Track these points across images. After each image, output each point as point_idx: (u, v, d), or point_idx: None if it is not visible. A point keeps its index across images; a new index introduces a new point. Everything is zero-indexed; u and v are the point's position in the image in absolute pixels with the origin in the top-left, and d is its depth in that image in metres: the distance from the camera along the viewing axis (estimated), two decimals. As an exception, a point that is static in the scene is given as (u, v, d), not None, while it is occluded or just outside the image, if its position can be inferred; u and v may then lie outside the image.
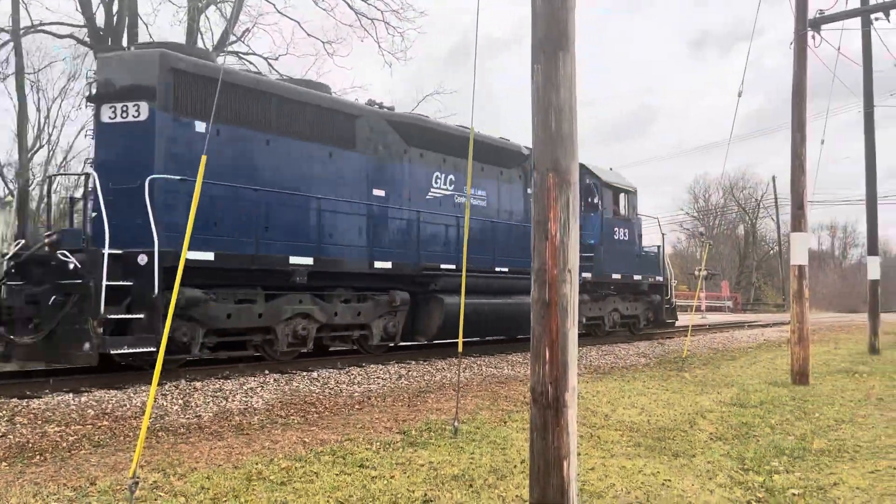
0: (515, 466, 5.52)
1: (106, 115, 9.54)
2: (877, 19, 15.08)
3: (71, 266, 8.48)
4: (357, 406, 8.22)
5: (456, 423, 6.69)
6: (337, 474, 5.19)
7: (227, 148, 9.86)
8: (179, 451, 5.87)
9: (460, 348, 6.98)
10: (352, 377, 10.12)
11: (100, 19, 20.30)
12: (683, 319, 21.09)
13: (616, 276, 17.09)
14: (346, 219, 11.44)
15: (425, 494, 4.76)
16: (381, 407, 8.17)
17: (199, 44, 21.37)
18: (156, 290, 8.58)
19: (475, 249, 13.01)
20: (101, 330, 8.28)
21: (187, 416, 7.37)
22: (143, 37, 20.09)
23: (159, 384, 7.32)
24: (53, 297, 8.55)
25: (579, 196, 13.63)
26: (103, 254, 8.34)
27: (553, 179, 3.39)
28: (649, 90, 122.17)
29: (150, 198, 8.80)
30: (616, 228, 17.43)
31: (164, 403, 7.77)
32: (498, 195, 14.75)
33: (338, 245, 11.25)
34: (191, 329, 9.40)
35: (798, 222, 11.43)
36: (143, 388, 8.46)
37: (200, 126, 9.60)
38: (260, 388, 8.90)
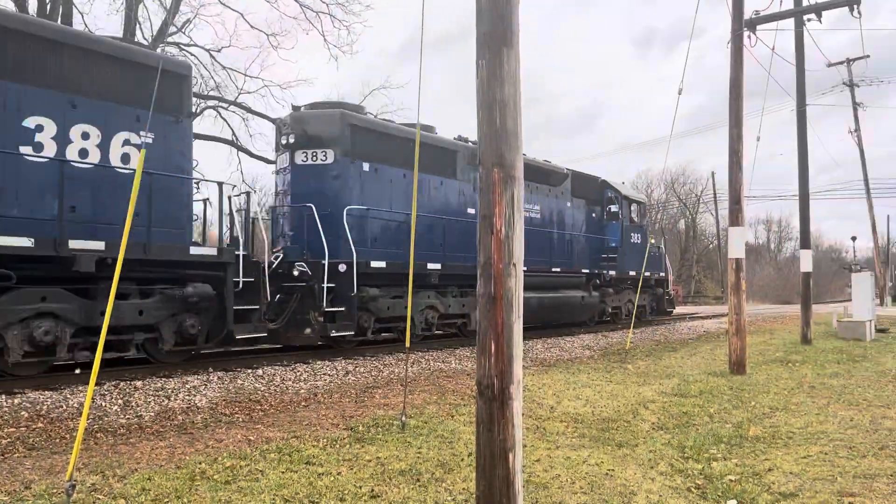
0: (462, 460, 5.56)
1: (299, 158, 12.87)
2: (809, 20, 15.61)
3: (296, 272, 11.85)
4: (303, 403, 8.15)
5: (403, 418, 6.69)
6: (283, 472, 5.14)
7: (380, 181, 13.40)
8: (119, 452, 5.72)
9: (408, 343, 6.99)
10: (298, 374, 10.02)
11: (32, 7, 19.53)
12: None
13: (632, 272, 20.34)
14: (454, 233, 14.71)
15: (372, 490, 4.76)
16: (327, 403, 8.12)
17: (138, 35, 20.77)
18: (354, 290, 11.90)
19: (536, 253, 16.44)
20: (321, 319, 11.66)
21: (127, 417, 7.18)
22: (77, 26, 19.43)
23: (97, 384, 7.12)
24: (278, 295, 11.94)
25: (601, 207, 17.33)
26: (323, 264, 11.61)
27: (498, 174, 3.41)
28: (598, 87, 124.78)
29: (347, 222, 12.15)
30: (632, 234, 21.24)
31: (103, 404, 7.55)
32: (550, 209, 18.19)
33: (453, 253, 14.53)
34: (368, 318, 12.68)
35: (735, 217, 11.78)
36: (80, 388, 8.21)
37: (366, 166, 13.16)
38: (203, 387, 8.74)
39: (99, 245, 8.72)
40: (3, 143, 8.29)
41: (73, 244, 8.52)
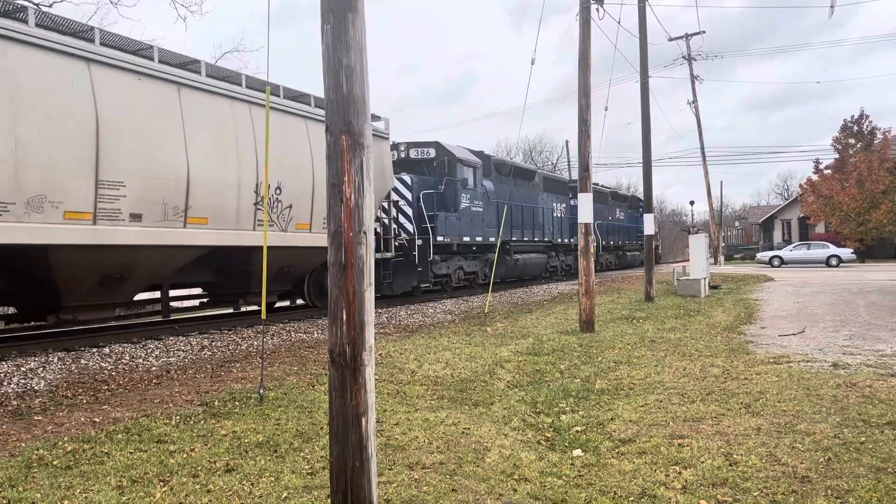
0: (322, 428, 5.56)
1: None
2: (651, -3, 16.49)
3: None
4: (155, 381, 7.80)
5: (261, 391, 6.58)
6: (131, 452, 4.93)
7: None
8: (-58, 444, 5.24)
9: (263, 315, 6.84)
10: (148, 351, 9.57)
11: None
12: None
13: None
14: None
15: (227, 464, 4.67)
16: (181, 380, 7.82)
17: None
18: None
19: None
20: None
21: (-48, 405, 6.58)
22: None
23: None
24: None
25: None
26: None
27: (346, 142, 3.38)
28: (471, 57, 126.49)
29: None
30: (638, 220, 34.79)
31: (-77, 393, 6.87)
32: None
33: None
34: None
35: (584, 184, 12.38)
36: None
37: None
38: (41, 369, 8.15)
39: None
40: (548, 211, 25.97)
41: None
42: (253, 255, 11.38)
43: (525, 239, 24.30)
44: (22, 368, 8.09)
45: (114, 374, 8.19)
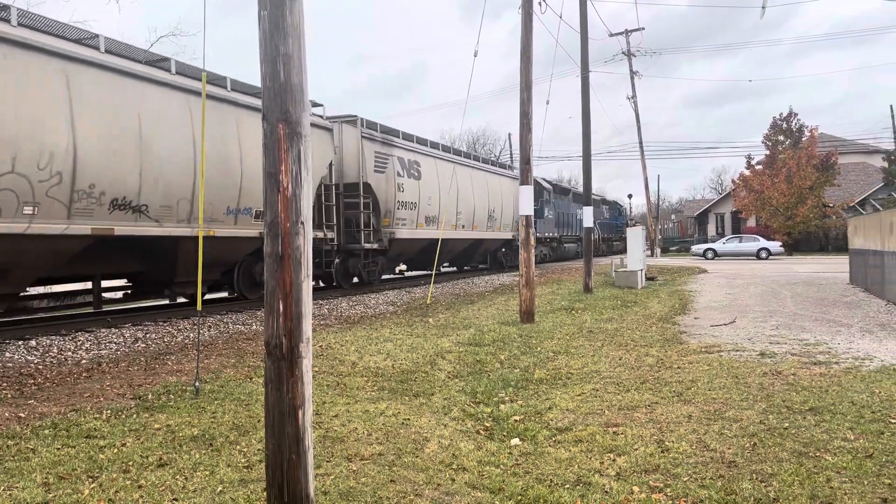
0: (259, 421, 5.48)
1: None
2: (592, -7, 16.73)
3: None
4: (85, 374, 7.55)
5: (197, 384, 6.45)
6: (59, 448, 4.76)
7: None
8: None
9: (199, 306, 6.70)
10: (78, 343, 9.26)
11: None
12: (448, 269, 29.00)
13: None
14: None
15: (160, 458, 4.56)
16: (113, 373, 7.59)
17: None
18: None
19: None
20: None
21: None
22: None
23: None
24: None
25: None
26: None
27: (283, 130, 3.33)
28: (422, 50, 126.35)
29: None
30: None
31: None
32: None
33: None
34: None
35: (525, 176, 12.50)
36: None
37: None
38: (-37, 363, 7.79)
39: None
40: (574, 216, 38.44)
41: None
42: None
43: (566, 234, 37.49)
44: (-59, 362, 7.73)
45: (41, 367, 7.89)
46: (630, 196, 59.46)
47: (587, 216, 19.32)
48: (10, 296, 9.89)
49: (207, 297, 14.89)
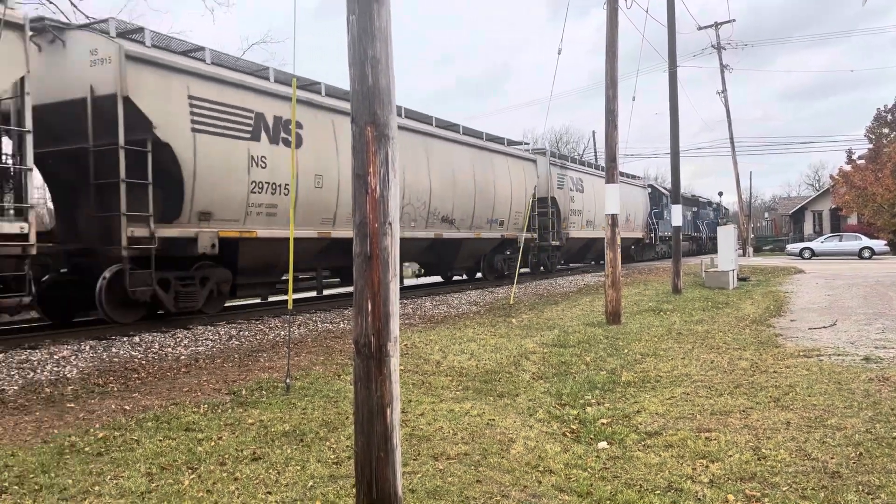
0: (347, 418, 5.59)
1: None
2: (680, -15, 16.27)
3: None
4: (184, 369, 7.91)
5: (288, 380, 6.64)
6: (161, 440, 5.00)
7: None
8: (-22, 429, 5.37)
9: (290, 305, 6.90)
10: (177, 340, 9.70)
11: None
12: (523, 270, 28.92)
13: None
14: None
15: (254, 452, 4.72)
16: (209, 369, 7.92)
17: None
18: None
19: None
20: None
21: (-12, 392, 6.74)
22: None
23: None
24: None
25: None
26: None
27: (372, 133, 3.38)
28: (510, 49, 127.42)
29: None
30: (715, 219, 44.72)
31: (-40, 380, 7.04)
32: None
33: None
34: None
35: (612, 174, 12.27)
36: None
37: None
38: (74, 357, 8.30)
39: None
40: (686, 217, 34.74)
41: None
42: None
43: (684, 233, 38.58)
44: (55, 356, 8.25)
45: (143, 362, 8.32)
46: (720, 194, 57.75)
47: (675, 215, 18.79)
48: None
49: (407, 283, 22.20)
